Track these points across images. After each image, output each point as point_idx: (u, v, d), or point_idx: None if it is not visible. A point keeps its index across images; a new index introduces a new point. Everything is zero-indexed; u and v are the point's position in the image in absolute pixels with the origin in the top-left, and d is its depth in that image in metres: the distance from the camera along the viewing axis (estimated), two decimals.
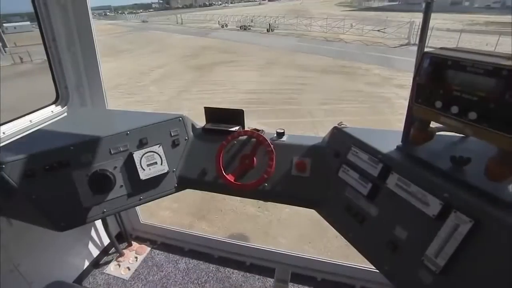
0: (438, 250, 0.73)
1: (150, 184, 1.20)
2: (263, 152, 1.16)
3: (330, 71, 9.27)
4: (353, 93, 7.08)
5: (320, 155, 1.10)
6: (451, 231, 0.71)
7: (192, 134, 1.30)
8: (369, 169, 0.92)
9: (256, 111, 6.11)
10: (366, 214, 0.91)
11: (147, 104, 6.96)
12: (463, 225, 0.69)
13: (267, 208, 3.08)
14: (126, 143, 1.17)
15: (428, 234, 0.75)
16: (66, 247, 1.75)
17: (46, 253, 1.60)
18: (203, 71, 10.00)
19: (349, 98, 6.76)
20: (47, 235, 1.54)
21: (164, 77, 9.38)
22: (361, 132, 1.05)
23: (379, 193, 0.89)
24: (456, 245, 0.70)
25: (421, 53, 0.77)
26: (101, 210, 1.14)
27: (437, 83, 0.72)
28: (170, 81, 8.92)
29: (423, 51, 0.76)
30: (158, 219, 2.92)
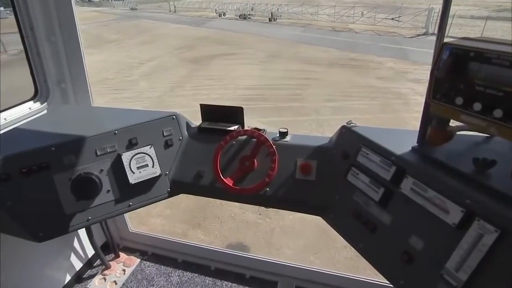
0: (459, 263, 0.72)
1: (141, 188, 1.20)
2: (264, 154, 1.16)
3: (338, 64, 9.27)
4: (364, 89, 7.08)
5: (327, 157, 1.10)
6: (474, 242, 0.70)
7: (186, 133, 1.30)
8: (381, 172, 0.92)
9: (257, 108, 6.11)
10: (378, 222, 0.91)
11: (137, 101, 6.97)
12: (488, 235, 0.68)
13: (268, 215, 3.08)
14: (114, 144, 1.17)
15: (448, 244, 0.75)
16: (45, 259, 1.74)
17: (22, 267, 1.59)
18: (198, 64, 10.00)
19: (359, 94, 6.76)
20: (24, 246, 1.54)
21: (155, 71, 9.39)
22: (372, 131, 1.04)
23: (392, 198, 0.88)
24: (480, 258, 0.69)
25: (440, 44, 0.76)
26: (85, 218, 1.14)
27: (458, 77, 0.71)
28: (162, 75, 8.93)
29: (442, 42, 0.75)
30: (148, 227, 2.92)
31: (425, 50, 10.07)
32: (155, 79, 8.58)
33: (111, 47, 12.83)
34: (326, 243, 2.67)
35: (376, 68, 8.77)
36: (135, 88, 7.91)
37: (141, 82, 8.46)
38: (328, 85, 7.39)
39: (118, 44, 13.39)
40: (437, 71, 0.74)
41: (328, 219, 1.07)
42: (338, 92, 6.91)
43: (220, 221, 3.04)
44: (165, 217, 3.09)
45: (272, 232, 2.85)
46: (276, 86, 7.54)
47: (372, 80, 7.73)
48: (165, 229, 2.93)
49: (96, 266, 2.07)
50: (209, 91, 7.42)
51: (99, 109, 1.55)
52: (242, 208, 3.17)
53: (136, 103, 6.78)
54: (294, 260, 1.91)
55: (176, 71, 9.34)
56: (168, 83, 8.15)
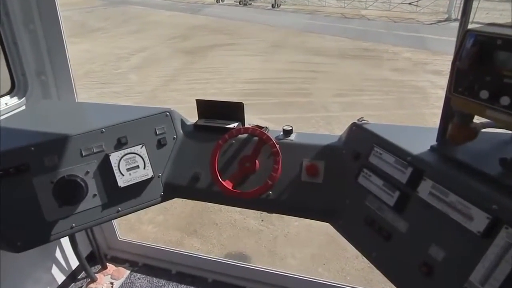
0: (485, 276, 0.72)
1: (131, 192, 1.20)
2: (267, 154, 1.16)
3: (349, 55, 9.25)
4: (377, 82, 7.06)
5: (335, 157, 1.10)
6: (501, 252, 0.70)
7: (181, 132, 1.31)
8: (396, 174, 0.91)
9: (258, 104, 6.11)
10: (393, 229, 0.90)
11: (127, 96, 6.99)
12: None
13: (272, 221, 3.08)
14: (101, 143, 1.17)
15: (472, 255, 0.74)
16: (24, 272, 1.73)
17: None
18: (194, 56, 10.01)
19: (372, 89, 6.74)
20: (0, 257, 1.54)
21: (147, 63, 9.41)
22: (386, 129, 1.04)
23: (408, 203, 0.88)
24: (508, 270, 0.68)
25: (463, 31, 0.76)
26: (69, 225, 1.14)
27: (483, 68, 0.70)
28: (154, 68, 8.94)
29: (466, 28, 0.74)
30: (139, 235, 2.92)
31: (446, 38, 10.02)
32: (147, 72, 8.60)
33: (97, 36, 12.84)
34: (335, 252, 2.67)
35: (391, 59, 8.74)
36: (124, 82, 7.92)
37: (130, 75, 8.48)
38: (337, 78, 7.38)
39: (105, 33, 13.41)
40: (459, 61, 0.74)
41: (337, 226, 1.07)
42: (348, 86, 6.90)
43: (219, 228, 3.04)
44: (158, 224, 3.10)
45: (276, 240, 2.85)
46: (280, 79, 7.53)
47: (386, 72, 7.71)
48: (158, 237, 2.93)
49: (81, 279, 2.07)
50: (205, 85, 7.43)
51: (84, 105, 1.55)
52: (242, 213, 3.17)
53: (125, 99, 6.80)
54: (300, 271, 1.91)
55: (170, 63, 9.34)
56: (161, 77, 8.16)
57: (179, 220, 3.16)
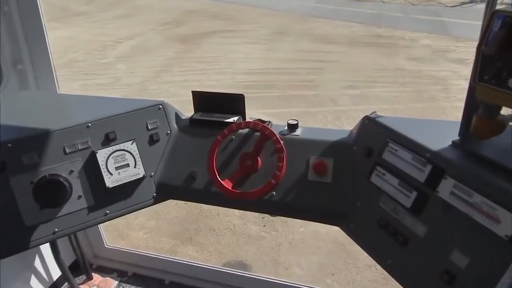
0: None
1: (120, 193, 1.21)
2: (270, 151, 1.16)
3: (360, 42, 9.23)
4: (392, 73, 7.05)
5: (345, 154, 1.11)
6: None
7: (176, 127, 1.31)
8: (413, 173, 0.91)
9: (260, 98, 6.11)
10: (410, 234, 0.91)
11: (114, 89, 6.99)
12: None
13: (275, 226, 3.08)
14: (87, 139, 1.17)
15: (499, 262, 0.74)
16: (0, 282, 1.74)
17: None
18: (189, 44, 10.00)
19: (387, 80, 6.73)
20: None
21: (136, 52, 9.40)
22: (401, 122, 1.04)
23: (427, 205, 0.88)
24: None
25: (490, 12, 0.76)
26: (51, 230, 1.14)
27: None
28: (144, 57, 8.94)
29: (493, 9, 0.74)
30: (128, 242, 2.93)
31: (471, 23, 9.95)
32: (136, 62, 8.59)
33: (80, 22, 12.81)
34: (345, 261, 2.67)
35: (408, 46, 8.71)
36: (110, 73, 7.92)
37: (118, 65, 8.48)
38: (347, 69, 7.37)
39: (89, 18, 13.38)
40: (485, 46, 0.74)
41: (347, 230, 1.07)
42: (360, 77, 6.89)
43: (216, 234, 3.05)
44: (149, 230, 3.11)
45: (280, 248, 2.86)
46: (284, 70, 7.52)
47: (402, 61, 7.68)
48: (149, 244, 2.94)
49: None
50: (202, 76, 7.42)
51: (68, 97, 1.56)
52: (242, 218, 3.18)
53: (112, 91, 6.80)
54: (307, 282, 1.91)
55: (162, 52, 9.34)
56: (152, 67, 8.16)
57: (172, 225, 3.17)
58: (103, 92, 6.79)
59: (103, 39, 10.72)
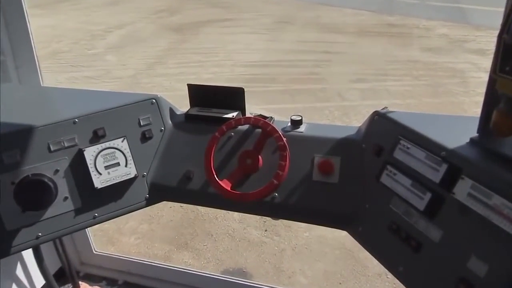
0: None
1: (110, 194, 1.21)
2: (272, 148, 1.16)
3: (371, 32, 9.22)
4: (405, 65, 7.04)
5: (353, 152, 1.11)
6: None
7: (170, 123, 1.31)
8: (427, 172, 0.91)
9: (262, 92, 6.11)
10: (424, 238, 0.91)
11: (103, 82, 7.00)
12: None
13: (277, 231, 3.09)
14: (73, 136, 1.17)
15: None
16: None
17: None
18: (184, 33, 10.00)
19: (399, 72, 6.72)
20: None
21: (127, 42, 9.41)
22: (415, 118, 1.04)
23: (442, 207, 0.88)
24: None
25: None
26: (34, 235, 1.14)
27: None
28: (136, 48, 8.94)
29: None
30: (119, 248, 2.94)
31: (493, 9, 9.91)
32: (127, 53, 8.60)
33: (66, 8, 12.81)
34: (353, 269, 2.68)
35: (422, 36, 8.69)
36: (99, 65, 7.93)
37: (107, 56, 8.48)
38: (356, 61, 7.36)
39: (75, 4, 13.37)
40: (507, 34, 0.73)
41: (355, 234, 1.08)
42: (370, 70, 6.88)
43: (214, 239, 3.05)
44: (142, 235, 3.12)
45: (282, 254, 2.86)
46: (287, 62, 7.52)
47: (416, 52, 7.67)
48: (141, 250, 2.95)
49: None
50: (198, 69, 7.43)
51: (53, 90, 1.56)
52: (242, 221, 3.19)
53: (101, 85, 6.82)
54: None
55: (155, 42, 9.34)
56: (145, 59, 8.16)
57: (166, 230, 3.18)
58: (92, 85, 6.80)
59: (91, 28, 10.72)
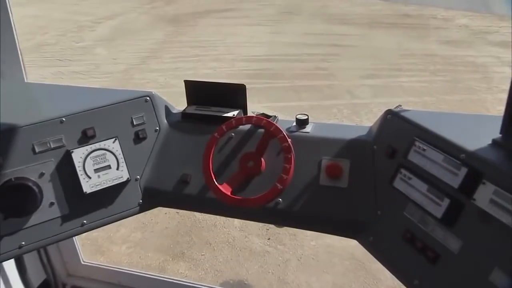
0: None
1: (100, 200, 1.21)
2: (275, 150, 1.17)
3: (384, 23, 9.22)
4: (421, 59, 7.03)
5: (364, 155, 1.11)
6: None
7: (166, 122, 1.32)
8: (445, 177, 0.91)
9: (264, 89, 6.12)
10: (441, 249, 0.91)
11: (92, 78, 7.03)
12: None
13: (281, 240, 3.09)
14: (60, 136, 1.17)
15: None
16: None
17: None
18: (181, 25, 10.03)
19: (414, 67, 6.72)
20: None
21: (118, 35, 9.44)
22: (431, 117, 1.04)
23: (462, 214, 0.88)
24: None
25: None
26: (16, 244, 1.14)
27: None
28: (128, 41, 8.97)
29: None
30: (109, 258, 2.95)
31: None
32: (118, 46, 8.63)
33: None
34: (364, 281, 2.67)
35: (440, 27, 8.69)
36: (88, 59, 7.96)
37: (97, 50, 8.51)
38: (368, 55, 7.36)
39: None
40: None
41: (366, 244, 1.07)
42: (382, 65, 6.88)
43: (213, 248, 3.06)
44: (134, 244, 3.12)
45: (287, 265, 2.86)
46: (292, 57, 7.53)
47: (434, 45, 7.67)
48: (134, 261, 2.96)
49: None
50: (196, 64, 7.45)
51: (38, 87, 1.56)
52: (243, 229, 3.19)
53: (90, 81, 6.84)
54: None
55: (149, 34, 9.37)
56: (138, 52, 8.19)
57: (161, 238, 3.18)
58: (79, 81, 6.81)
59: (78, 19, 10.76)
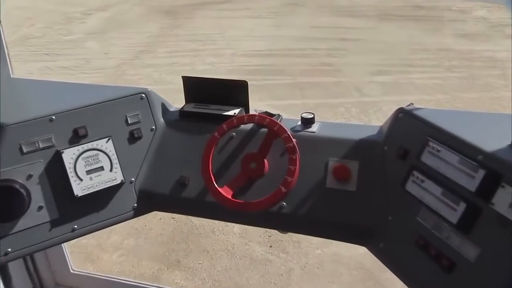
0: None
1: (91, 203, 1.21)
2: (279, 151, 1.17)
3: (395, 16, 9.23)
4: (435, 54, 7.03)
5: (374, 156, 1.11)
6: None
7: (162, 121, 1.32)
8: (461, 179, 0.91)
9: (266, 86, 6.12)
10: (457, 257, 0.91)
11: (82, 74, 7.03)
12: None
13: (284, 247, 3.09)
14: (50, 135, 1.18)
15: None
16: None
17: None
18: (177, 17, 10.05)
19: (427, 63, 6.71)
20: None
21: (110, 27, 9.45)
22: (446, 116, 1.04)
23: (479, 220, 0.88)
24: None
25: None
26: (2, 251, 1.14)
27: None
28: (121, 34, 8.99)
29: None
30: (99, 266, 2.95)
31: None
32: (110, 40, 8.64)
33: None
34: None
35: (456, 19, 8.68)
36: (77, 53, 7.96)
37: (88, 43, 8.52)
38: (377, 49, 7.36)
39: None
40: None
41: (376, 251, 1.07)
42: (393, 60, 6.88)
43: (211, 256, 3.06)
44: (126, 251, 3.12)
45: (290, 275, 2.86)
46: (296, 51, 7.53)
47: (449, 39, 7.66)
48: (126, 269, 2.96)
49: None
50: (193, 59, 7.45)
51: (25, 82, 1.56)
52: (243, 236, 3.19)
53: (80, 77, 6.84)
54: None
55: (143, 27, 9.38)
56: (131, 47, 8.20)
57: (155, 245, 3.18)
58: (68, 77, 6.80)
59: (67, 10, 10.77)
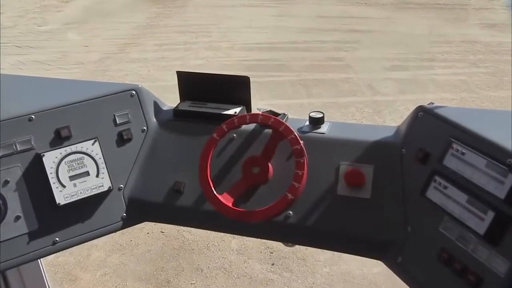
0: None
1: (75, 213, 1.22)
2: (285, 154, 1.18)
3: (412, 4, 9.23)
4: (458, 47, 7.01)
5: (390, 160, 1.12)
6: None
7: (155, 121, 1.33)
8: (488, 185, 0.92)
9: (268, 83, 6.11)
10: (485, 272, 0.91)
11: (59, 69, 7.00)
12: None
13: (288, 264, 3.08)
14: (29, 137, 1.18)
15: None
16: None
17: None
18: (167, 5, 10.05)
19: (450, 57, 6.70)
20: None
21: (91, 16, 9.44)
22: (471, 115, 1.05)
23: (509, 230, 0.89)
24: None
25: None
26: None
27: None
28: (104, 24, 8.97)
29: None
30: (80, 286, 2.94)
31: None
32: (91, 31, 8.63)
33: None
34: None
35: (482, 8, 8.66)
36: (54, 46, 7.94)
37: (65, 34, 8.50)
38: (392, 42, 7.35)
39: None
40: None
41: (394, 266, 1.08)
42: (410, 54, 6.86)
43: (205, 275, 3.04)
44: (110, 269, 3.11)
45: None
46: (301, 45, 7.52)
47: (474, 30, 7.64)
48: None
49: None
50: (185, 53, 7.44)
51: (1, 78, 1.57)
52: (242, 252, 3.17)
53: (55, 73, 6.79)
54: None
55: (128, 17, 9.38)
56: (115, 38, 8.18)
57: (142, 263, 3.16)
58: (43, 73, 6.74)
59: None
